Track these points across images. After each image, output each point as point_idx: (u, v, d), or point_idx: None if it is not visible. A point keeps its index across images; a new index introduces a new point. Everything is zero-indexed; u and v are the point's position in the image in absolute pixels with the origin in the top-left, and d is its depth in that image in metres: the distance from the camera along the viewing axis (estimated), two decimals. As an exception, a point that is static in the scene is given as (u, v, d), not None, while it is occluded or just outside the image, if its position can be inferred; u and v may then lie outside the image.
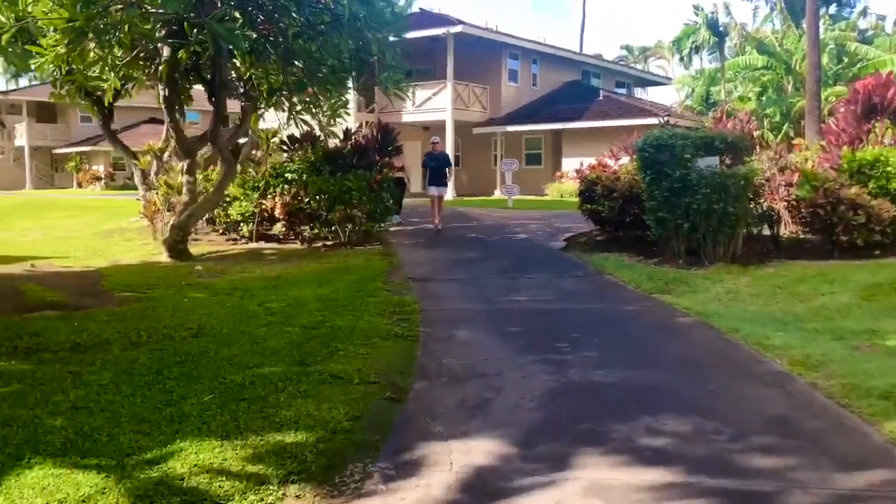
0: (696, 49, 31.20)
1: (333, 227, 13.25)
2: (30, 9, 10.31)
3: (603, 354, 5.88)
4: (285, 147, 14.83)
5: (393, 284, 9.36)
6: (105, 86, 13.17)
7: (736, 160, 10.35)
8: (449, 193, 26.31)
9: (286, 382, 4.90)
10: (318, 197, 13.03)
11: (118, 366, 5.35)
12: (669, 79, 37.77)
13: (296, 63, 12.16)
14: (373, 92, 27.61)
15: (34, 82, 27.35)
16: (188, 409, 4.32)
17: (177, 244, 11.80)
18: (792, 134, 26.18)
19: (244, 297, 8.44)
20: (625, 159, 15.17)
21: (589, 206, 12.56)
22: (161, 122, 18.05)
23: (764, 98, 26.10)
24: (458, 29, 24.78)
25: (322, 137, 14.14)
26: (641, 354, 5.94)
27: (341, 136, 14.46)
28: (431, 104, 26.50)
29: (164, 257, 11.94)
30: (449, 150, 25.93)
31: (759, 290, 8.42)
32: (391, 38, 11.67)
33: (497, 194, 20.86)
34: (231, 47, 11.77)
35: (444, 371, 5.38)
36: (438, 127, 26.61)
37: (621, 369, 5.43)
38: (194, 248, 13.39)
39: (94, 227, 18.14)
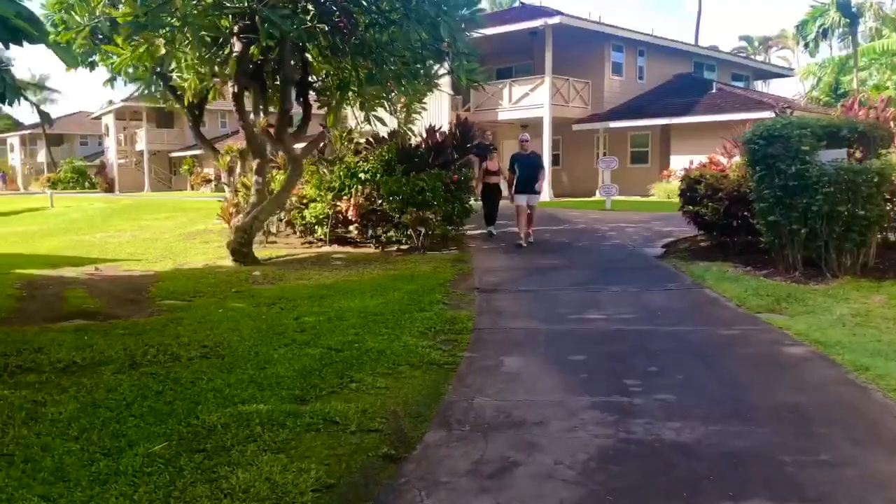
0: (824, 33, 28.04)
1: (408, 231, 12.38)
2: (102, 7, 10.08)
3: (683, 398, 4.60)
4: (366, 146, 14.11)
5: (454, 296, 8.32)
6: (185, 85, 12.91)
7: (868, 153, 8.62)
8: (545, 195, 25.05)
9: (266, 427, 3.96)
10: (390, 198, 12.18)
11: (93, 394, 4.60)
12: (792, 69, 34.63)
13: (366, 56, 11.37)
14: (468, 90, 26.75)
15: (129, 85, 28.19)
16: (125, 465, 3.45)
17: (241, 247, 11.26)
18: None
19: (285, 308, 7.65)
20: (739, 156, 13.47)
21: (690, 207, 11.04)
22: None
23: (902, 88, 23.13)
24: (556, 20, 23.41)
25: (403, 135, 13.33)
26: (734, 400, 4.61)
27: (425, 134, 13.58)
28: (529, 100, 25.26)
29: (228, 261, 11.44)
30: (546, 148, 24.64)
31: (898, 312, 6.78)
32: (464, 26, 10.62)
33: (598, 195, 19.41)
34: (302, 43, 11.16)
35: (471, 416, 4.29)
36: (536, 125, 25.34)
37: (703, 422, 4.14)
38: (264, 252, 12.88)
39: (184, 228, 18.14)
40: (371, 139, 14.39)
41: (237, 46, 11.57)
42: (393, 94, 12.33)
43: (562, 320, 7.03)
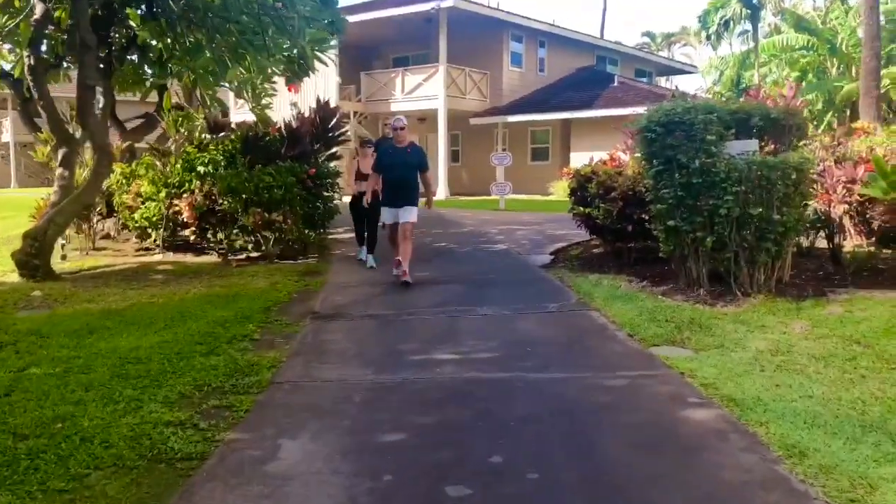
0: (726, 25, 27.51)
1: (257, 236, 10.31)
2: None
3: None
4: (215, 134, 11.93)
5: (275, 326, 6.38)
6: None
7: (782, 145, 7.21)
8: (441, 193, 23.33)
9: None
10: (229, 196, 10.08)
11: None
12: (696, 67, 34.30)
13: (196, 23, 9.26)
14: (357, 77, 24.78)
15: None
16: None
17: (30, 258, 8.92)
18: (835, 124, 22.75)
19: (20, 352, 5.51)
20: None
21: (581, 209, 9.47)
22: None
23: (804, 83, 22.55)
24: (449, 3, 21.70)
25: (261, 123, 11.25)
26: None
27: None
28: (423, 91, 23.49)
29: (16, 275, 9.08)
30: (442, 143, 22.95)
31: (826, 345, 5.28)
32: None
33: (492, 194, 17.82)
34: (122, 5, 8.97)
35: None
36: (433, 118, 23.60)
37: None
38: (78, 262, 10.55)
39: (10, 231, 15.37)
40: (223, 126, 12.24)
41: (38, 9, 9.26)
42: (245, 74, 10.27)
43: (399, 365, 5.19)
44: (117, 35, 11.12)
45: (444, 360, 5.30)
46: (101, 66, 10.36)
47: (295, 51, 9.58)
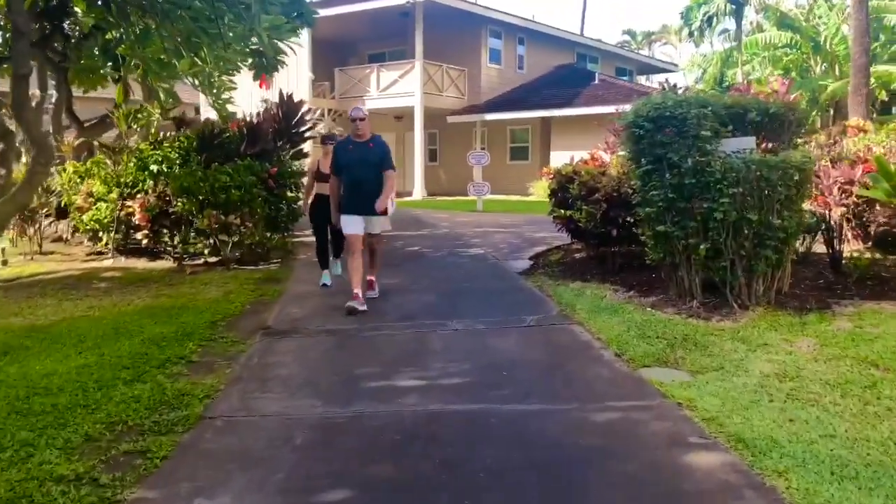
0: (709, 21, 26.99)
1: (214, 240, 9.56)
2: None
3: None
4: (175, 129, 11.15)
5: (219, 345, 5.65)
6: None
7: (780, 142, 6.60)
8: (417, 192, 22.62)
9: None
10: (183, 197, 9.31)
11: None
12: (676, 65, 33.88)
13: (146, 8, 8.48)
14: (332, 73, 24.02)
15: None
16: None
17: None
18: (819, 124, 22.34)
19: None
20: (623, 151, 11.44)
21: (562, 211, 8.82)
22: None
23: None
24: (425, -3, 21.01)
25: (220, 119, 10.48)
26: None
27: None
28: (399, 88, 22.77)
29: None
30: (419, 142, 22.27)
31: (839, 369, 4.66)
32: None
33: (469, 194, 17.16)
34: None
35: None
36: (410, 116, 22.89)
37: None
38: (20, 268, 9.73)
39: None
40: (190, 123, 11.47)
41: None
42: (201, 65, 9.49)
43: (353, 394, 4.50)
44: (77, 26, 10.32)
45: (407, 387, 4.61)
46: (57, 59, 9.57)
47: (257, 41, 8.83)
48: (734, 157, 6.03)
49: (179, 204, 9.36)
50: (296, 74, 22.43)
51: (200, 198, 9.24)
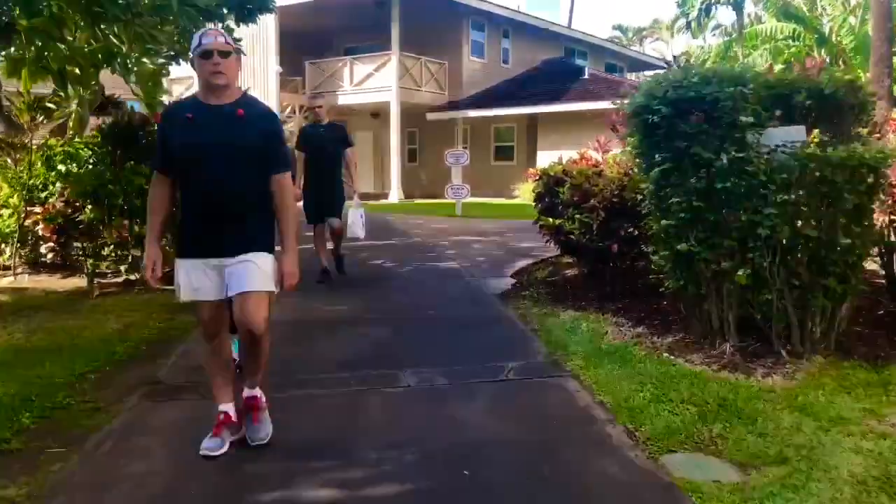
0: (707, 10, 25.49)
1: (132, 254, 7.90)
2: None
3: None
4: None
5: (68, 416, 4.03)
6: None
7: (839, 134, 5.04)
8: (393, 195, 21.00)
9: None
10: (88, 202, 7.66)
11: None
12: (669, 62, 32.44)
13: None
14: (301, 67, 22.37)
15: None
16: None
17: None
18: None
19: None
20: (615, 151, 9.82)
21: (550, 220, 7.25)
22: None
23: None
24: (402, -16, 19.42)
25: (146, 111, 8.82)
26: None
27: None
28: (374, 82, 21.17)
29: None
30: (395, 141, 20.65)
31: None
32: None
33: (447, 197, 15.55)
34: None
35: None
36: (386, 112, 21.27)
37: None
38: None
39: None
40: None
41: None
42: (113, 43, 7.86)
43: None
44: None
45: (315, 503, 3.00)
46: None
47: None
48: (783, 153, 4.47)
49: (87, 211, 7.70)
50: (263, 68, 20.80)
51: (112, 203, 7.58)
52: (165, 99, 9.68)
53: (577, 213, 6.74)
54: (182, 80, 18.79)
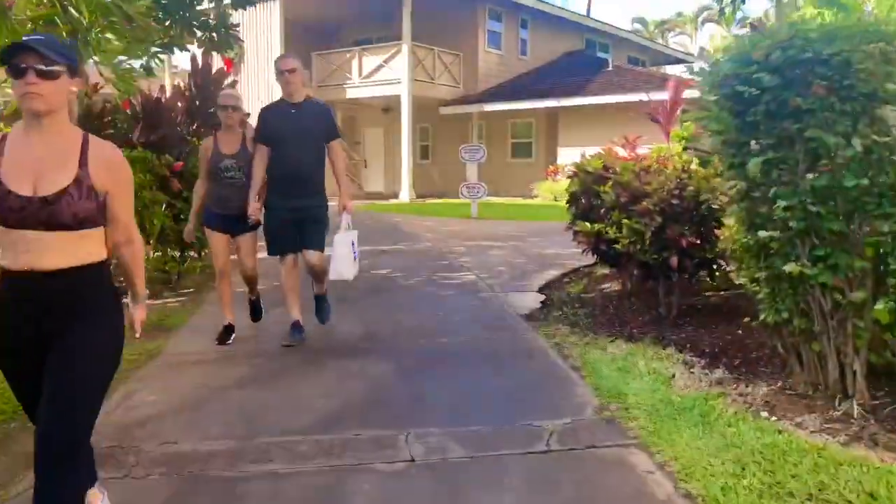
0: (743, -4, 24.34)
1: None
2: None
3: None
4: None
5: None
6: None
7: None
8: (404, 194, 19.73)
9: None
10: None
11: None
12: (694, 56, 31.04)
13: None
14: (307, 59, 21.11)
15: None
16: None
17: None
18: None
19: None
20: (643, 150, 8.50)
21: (587, 225, 5.97)
22: None
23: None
24: (414, -31, 18.15)
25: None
26: None
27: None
28: (384, 74, 19.90)
29: None
30: (406, 137, 19.37)
31: None
32: None
33: (462, 196, 14.26)
34: None
35: None
36: (397, 106, 20.01)
37: None
38: None
39: None
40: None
41: None
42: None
43: None
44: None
45: None
46: None
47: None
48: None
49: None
50: (266, 59, 19.60)
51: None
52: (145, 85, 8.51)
53: (624, 216, 5.46)
54: (180, 74, 17.62)
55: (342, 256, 4.99)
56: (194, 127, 7.43)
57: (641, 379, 4.15)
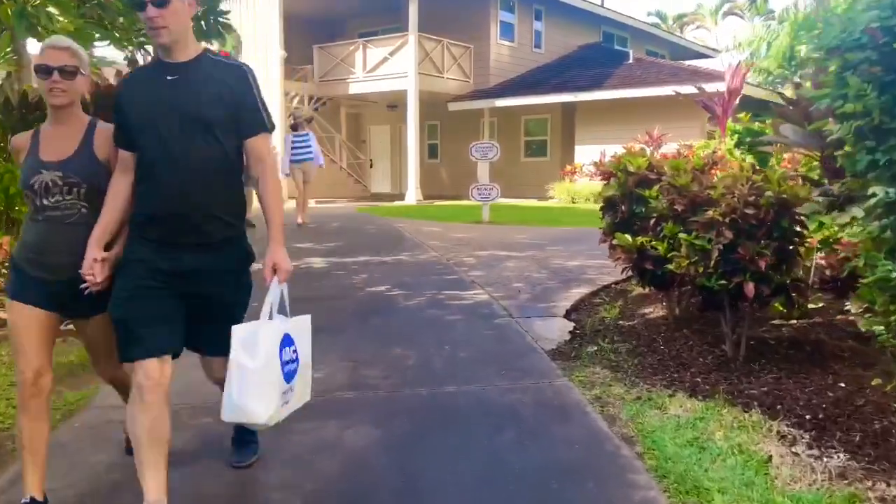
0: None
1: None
2: None
3: None
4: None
5: None
6: None
7: None
8: (411, 195, 18.51)
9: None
10: None
11: None
12: (717, 51, 29.65)
13: None
14: (309, 51, 20.04)
15: None
16: None
17: None
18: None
19: None
20: (670, 146, 7.29)
21: (628, 238, 4.79)
22: None
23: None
24: (421, -45, 16.95)
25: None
26: None
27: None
28: (389, 68, 18.72)
29: None
30: (413, 135, 18.21)
31: None
32: None
33: (472, 198, 13.02)
34: None
35: None
36: (404, 102, 18.84)
37: None
38: None
39: None
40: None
41: None
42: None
43: None
44: None
45: None
46: None
47: None
48: None
49: None
50: (265, 54, 18.51)
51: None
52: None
53: (679, 229, 4.27)
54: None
55: (256, 381, 2.50)
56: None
57: (725, 462, 2.96)
